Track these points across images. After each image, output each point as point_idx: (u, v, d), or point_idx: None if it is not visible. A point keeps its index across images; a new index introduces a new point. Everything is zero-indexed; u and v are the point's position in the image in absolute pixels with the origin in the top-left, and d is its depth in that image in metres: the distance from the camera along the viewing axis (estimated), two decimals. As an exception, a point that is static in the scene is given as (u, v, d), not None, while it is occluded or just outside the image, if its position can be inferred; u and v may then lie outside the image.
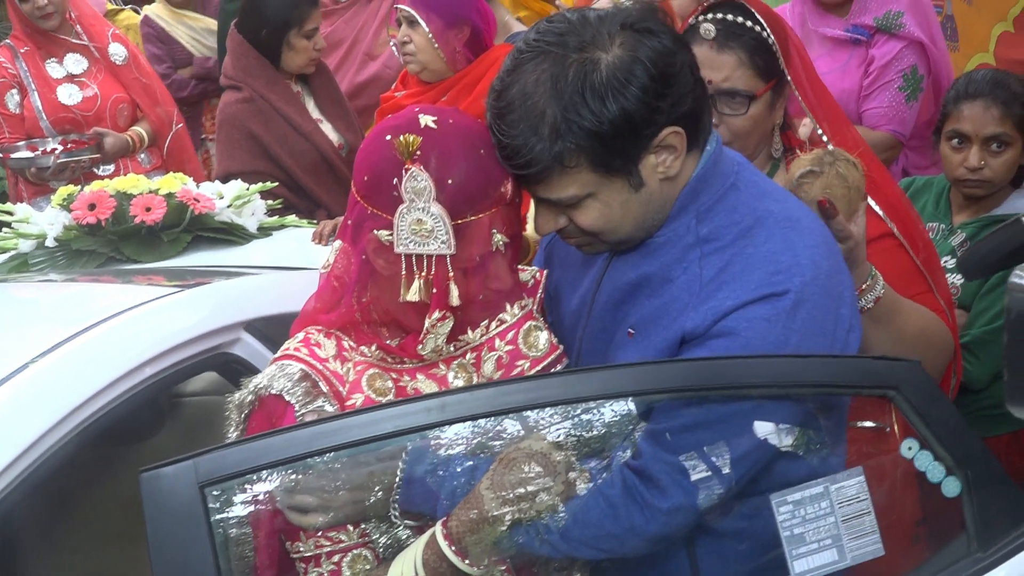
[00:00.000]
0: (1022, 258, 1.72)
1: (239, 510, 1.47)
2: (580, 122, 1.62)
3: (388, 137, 1.69)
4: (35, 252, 3.05)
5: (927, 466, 1.66)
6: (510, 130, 1.65)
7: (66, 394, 1.92)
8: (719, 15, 2.20)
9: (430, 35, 3.38)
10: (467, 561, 1.60)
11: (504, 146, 1.68)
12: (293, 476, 1.50)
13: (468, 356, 1.78)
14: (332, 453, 1.50)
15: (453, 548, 1.59)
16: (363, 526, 1.69)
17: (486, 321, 1.78)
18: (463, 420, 1.52)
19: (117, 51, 4.45)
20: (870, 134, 3.47)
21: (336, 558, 1.69)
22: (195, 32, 5.38)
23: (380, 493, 1.64)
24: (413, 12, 3.41)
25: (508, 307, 1.79)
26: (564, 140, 1.63)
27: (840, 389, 1.71)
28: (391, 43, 3.96)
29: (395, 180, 1.67)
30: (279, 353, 1.76)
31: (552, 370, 1.79)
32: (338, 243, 1.80)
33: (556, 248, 1.98)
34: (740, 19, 2.19)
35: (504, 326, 1.79)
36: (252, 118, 3.78)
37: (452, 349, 1.77)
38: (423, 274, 1.69)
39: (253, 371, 2.05)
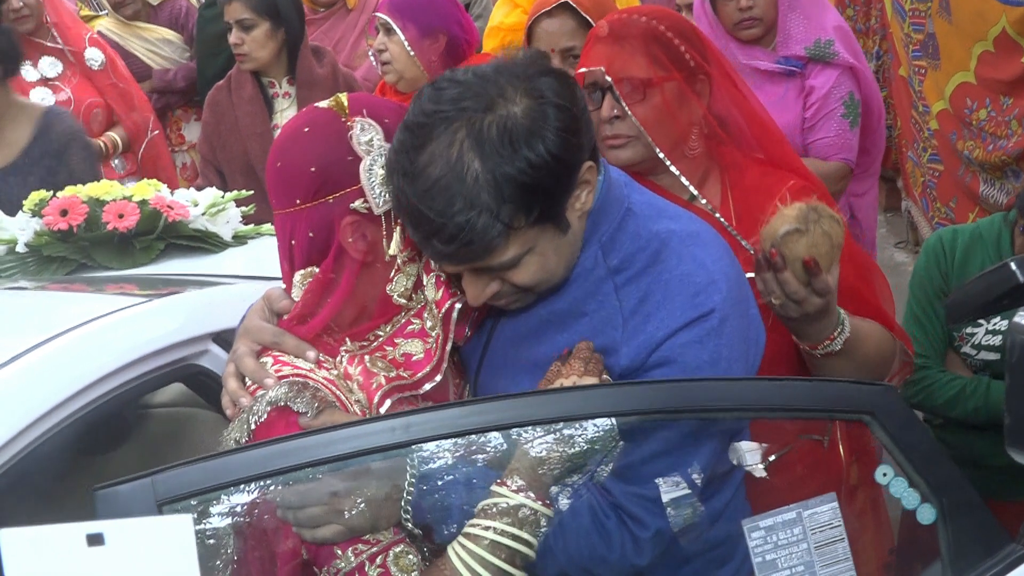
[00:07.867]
0: (1008, 304, 1.69)
1: (199, 529, 1.43)
2: (518, 177, 1.57)
3: (306, 129, 1.72)
4: (5, 258, 3.00)
5: (902, 492, 1.65)
6: (447, 209, 1.56)
7: (28, 404, 1.88)
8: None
9: (406, 43, 3.38)
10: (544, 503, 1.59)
11: (439, 227, 1.58)
12: (289, 489, 1.48)
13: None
14: (292, 472, 1.46)
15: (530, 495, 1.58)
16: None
17: None
18: (428, 440, 1.49)
19: (94, 56, 4.40)
20: (822, 165, 3.45)
21: (379, 560, 1.61)
22: (151, 44, 5.22)
23: (389, 502, 1.59)
24: (389, 20, 3.40)
25: None
26: (506, 201, 1.57)
27: (815, 413, 1.70)
28: (369, 53, 3.95)
29: (349, 135, 1.69)
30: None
31: None
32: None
33: None
34: (635, 16, 2.25)
35: None
36: (210, 106, 4.03)
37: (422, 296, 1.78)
38: (399, 221, 1.71)
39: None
